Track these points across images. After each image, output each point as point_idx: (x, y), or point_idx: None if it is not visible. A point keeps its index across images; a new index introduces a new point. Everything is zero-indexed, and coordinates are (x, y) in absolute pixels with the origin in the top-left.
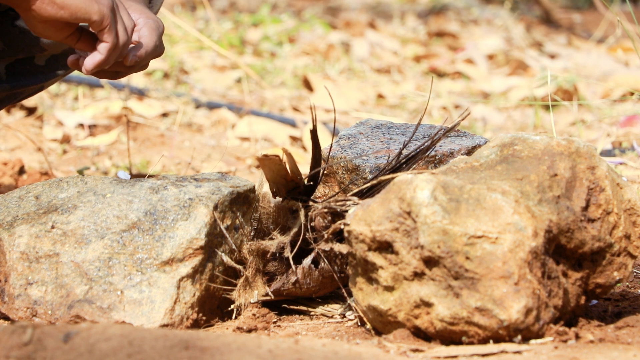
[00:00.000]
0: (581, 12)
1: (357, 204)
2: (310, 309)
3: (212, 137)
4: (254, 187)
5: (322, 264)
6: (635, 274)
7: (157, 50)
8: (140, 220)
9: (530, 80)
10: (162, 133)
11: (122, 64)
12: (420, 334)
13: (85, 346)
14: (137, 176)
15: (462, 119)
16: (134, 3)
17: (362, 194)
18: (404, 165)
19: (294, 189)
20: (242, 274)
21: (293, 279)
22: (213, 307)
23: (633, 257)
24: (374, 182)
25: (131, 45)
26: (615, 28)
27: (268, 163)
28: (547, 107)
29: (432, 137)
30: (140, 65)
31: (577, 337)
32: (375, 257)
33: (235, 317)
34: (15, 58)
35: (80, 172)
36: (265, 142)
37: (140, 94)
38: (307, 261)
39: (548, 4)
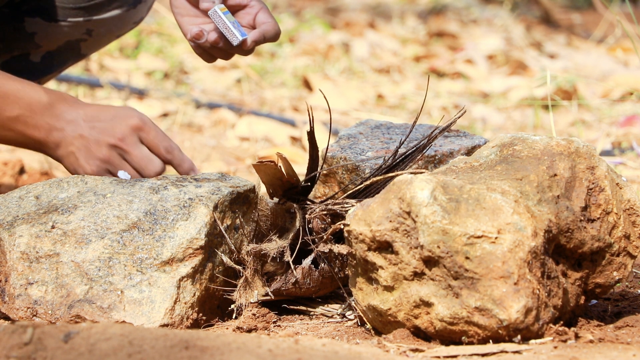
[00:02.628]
0: (581, 12)
1: (354, 205)
2: (310, 309)
3: (212, 137)
4: (254, 187)
5: (322, 264)
6: (634, 273)
7: (277, 35)
8: (140, 220)
9: (530, 80)
10: None
11: (232, 50)
12: (420, 334)
13: (86, 346)
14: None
15: (458, 117)
16: None
17: (359, 193)
18: (401, 164)
19: (290, 189)
20: (241, 274)
21: (293, 279)
22: (213, 307)
23: (632, 257)
24: (367, 182)
25: (251, 33)
26: (615, 28)
27: (264, 169)
28: (546, 107)
29: (429, 135)
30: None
31: (577, 337)
32: (375, 257)
33: (235, 317)
34: (11, 55)
35: None
36: (265, 142)
37: (141, 94)
38: (306, 262)
39: (548, 4)
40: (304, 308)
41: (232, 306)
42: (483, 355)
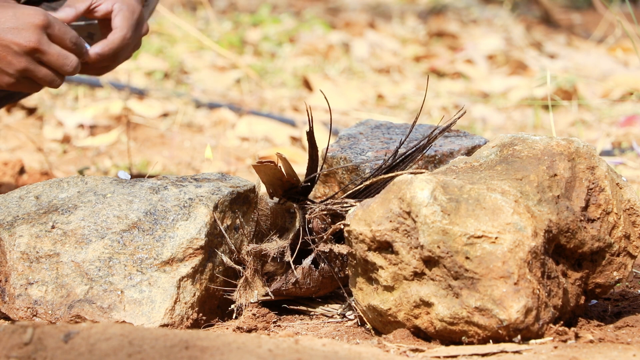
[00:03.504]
0: (581, 12)
1: (354, 205)
2: (310, 309)
3: (212, 137)
4: (254, 187)
5: (322, 264)
6: (634, 273)
7: (127, 42)
8: (140, 220)
9: (530, 80)
10: (162, 133)
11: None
12: (420, 334)
13: (86, 346)
14: (137, 176)
15: (458, 118)
16: None
17: (359, 193)
18: (401, 164)
19: (290, 189)
20: (241, 274)
21: (293, 279)
22: (213, 307)
23: (632, 257)
24: (367, 182)
25: (103, 42)
26: (615, 28)
27: (263, 169)
28: (546, 107)
29: (429, 136)
30: (114, 59)
31: (577, 337)
32: (375, 257)
33: (235, 317)
34: None
35: (81, 172)
36: (265, 142)
37: (141, 94)
38: (307, 262)
39: (548, 4)
40: (304, 308)
41: (232, 306)
42: (483, 355)
